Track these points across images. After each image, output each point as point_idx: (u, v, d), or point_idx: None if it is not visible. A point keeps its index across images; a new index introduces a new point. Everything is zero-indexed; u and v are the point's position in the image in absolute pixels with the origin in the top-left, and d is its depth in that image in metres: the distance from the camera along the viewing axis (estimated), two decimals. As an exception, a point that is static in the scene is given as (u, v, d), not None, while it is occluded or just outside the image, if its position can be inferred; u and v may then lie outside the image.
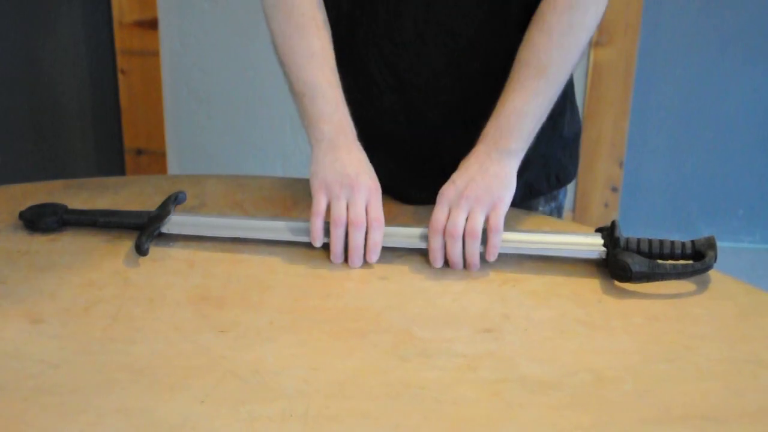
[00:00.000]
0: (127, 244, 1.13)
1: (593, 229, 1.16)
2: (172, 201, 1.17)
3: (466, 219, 1.07)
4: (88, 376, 0.87)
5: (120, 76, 2.48)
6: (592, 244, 1.10)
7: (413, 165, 1.25)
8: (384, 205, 1.11)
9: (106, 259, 1.10)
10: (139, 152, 2.52)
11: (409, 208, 1.24)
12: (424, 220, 1.19)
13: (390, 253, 1.12)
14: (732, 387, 0.88)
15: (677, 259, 1.08)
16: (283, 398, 0.84)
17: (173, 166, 2.53)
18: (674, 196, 2.66)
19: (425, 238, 1.10)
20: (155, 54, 2.46)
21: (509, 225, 1.19)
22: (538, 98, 1.10)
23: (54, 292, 1.02)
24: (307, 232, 1.10)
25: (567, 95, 1.28)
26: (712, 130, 2.64)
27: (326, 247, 1.10)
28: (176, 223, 1.15)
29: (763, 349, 0.95)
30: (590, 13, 1.11)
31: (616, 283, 1.06)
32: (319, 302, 1.02)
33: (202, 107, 2.49)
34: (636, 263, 1.04)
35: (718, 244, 1.09)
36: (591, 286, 1.06)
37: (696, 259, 1.07)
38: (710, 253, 1.06)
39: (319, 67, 1.13)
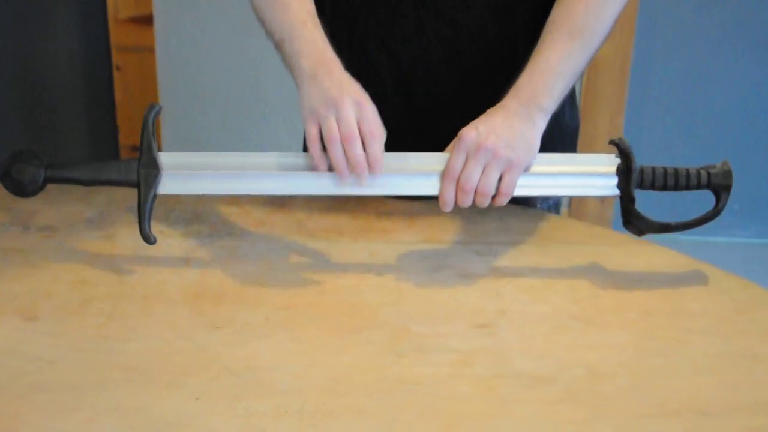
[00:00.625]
0: (122, 242, 1.13)
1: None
2: (152, 132, 1.06)
3: (482, 172, 1.03)
4: (83, 374, 0.87)
5: (115, 73, 2.47)
6: (608, 191, 1.07)
7: None
8: (381, 201, 1.10)
9: (101, 257, 1.10)
10: (134, 149, 2.52)
11: (404, 204, 1.24)
12: (420, 219, 1.19)
13: (386, 248, 1.12)
14: (727, 381, 0.88)
15: (693, 190, 1.07)
16: (279, 394, 0.84)
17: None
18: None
19: (433, 183, 1.06)
20: (150, 50, 2.46)
21: (506, 222, 1.19)
22: (570, 59, 1.08)
23: (49, 289, 1.02)
24: (308, 164, 1.06)
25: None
26: (707, 125, 2.65)
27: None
28: (171, 182, 1.06)
29: (758, 344, 0.95)
30: None
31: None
32: (315, 298, 1.02)
33: (198, 103, 2.49)
34: (646, 225, 1.05)
35: (713, 239, 1.10)
36: (586, 281, 1.06)
37: (712, 190, 1.07)
38: (723, 196, 1.05)
39: (295, 12, 1.11)
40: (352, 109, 1.02)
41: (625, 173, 1.06)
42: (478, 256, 1.11)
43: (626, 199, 1.06)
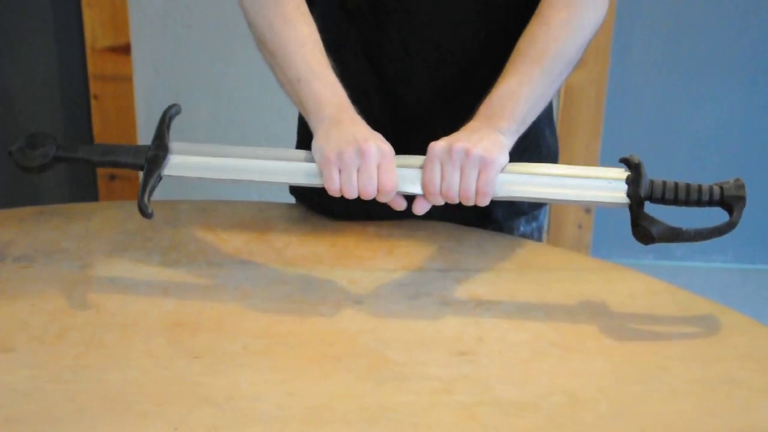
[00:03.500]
0: (100, 271, 1.12)
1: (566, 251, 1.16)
2: (167, 126, 1.10)
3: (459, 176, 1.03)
4: (61, 405, 0.86)
5: (93, 102, 2.46)
6: (615, 197, 1.05)
7: None
8: (360, 228, 1.10)
9: (79, 286, 1.09)
10: (112, 177, 2.51)
11: (383, 231, 1.23)
12: (399, 246, 1.19)
13: (365, 276, 1.11)
14: (706, 407, 0.89)
15: (704, 206, 1.03)
16: (258, 424, 0.84)
17: (147, 192, 2.51)
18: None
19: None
20: (128, 79, 2.45)
21: (484, 249, 1.19)
22: (531, 84, 1.08)
23: (25, 320, 1.01)
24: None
25: (547, 113, 1.29)
26: (682, 151, 2.67)
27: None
28: (178, 164, 1.08)
29: (736, 369, 0.95)
30: (589, 12, 1.12)
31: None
32: (293, 327, 1.01)
33: (175, 132, 2.48)
34: (657, 229, 1.01)
35: (691, 264, 1.09)
36: (565, 308, 1.07)
37: (724, 207, 1.02)
38: (737, 209, 1.01)
39: (311, 52, 1.11)
40: (376, 157, 1.03)
41: (634, 180, 1.04)
42: (457, 284, 1.11)
43: (636, 204, 1.03)
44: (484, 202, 1.03)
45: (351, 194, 1.03)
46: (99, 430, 0.82)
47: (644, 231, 1.01)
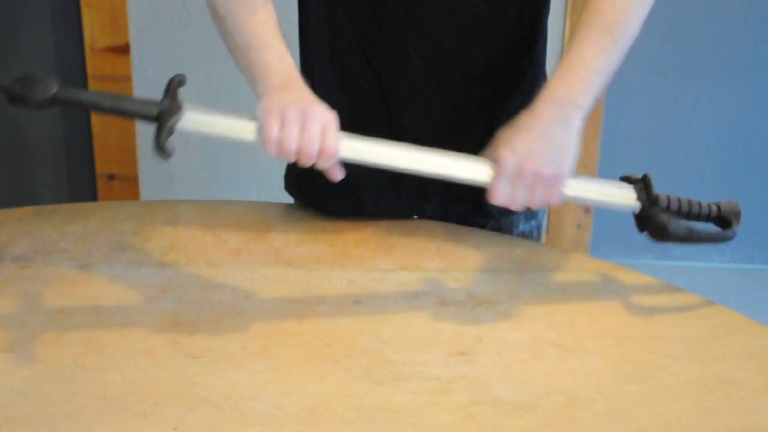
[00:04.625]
0: (98, 271, 1.12)
1: (567, 248, 1.16)
2: (176, 88, 1.06)
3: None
4: (58, 405, 0.86)
5: (92, 102, 2.47)
6: (627, 198, 1.06)
7: (394, 174, 1.24)
8: (359, 228, 1.10)
9: (77, 286, 1.09)
10: (111, 177, 2.51)
11: (381, 231, 1.24)
12: (397, 246, 1.19)
13: (364, 276, 1.11)
14: (704, 407, 0.89)
15: (702, 221, 1.07)
16: (257, 424, 0.84)
17: (146, 192, 2.51)
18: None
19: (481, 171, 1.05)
20: (127, 79, 2.46)
21: (483, 249, 1.19)
22: (604, 56, 1.06)
23: (24, 320, 1.01)
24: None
25: None
26: (681, 152, 2.67)
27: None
28: (192, 119, 1.05)
29: (734, 369, 0.95)
30: None
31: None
32: (292, 327, 1.01)
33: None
34: (674, 225, 1.03)
35: (689, 264, 1.11)
36: (563, 307, 1.07)
37: (720, 223, 1.07)
38: (735, 222, 1.06)
39: (263, 20, 1.10)
40: (320, 119, 1.01)
41: (644, 187, 1.06)
42: (455, 283, 1.11)
43: (648, 204, 1.05)
44: (555, 205, 1.05)
45: (289, 149, 1.00)
46: (97, 430, 0.82)
47: (661, 225, 1.04)
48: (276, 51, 1.08)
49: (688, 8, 2.54)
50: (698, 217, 1.07)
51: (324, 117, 1.02)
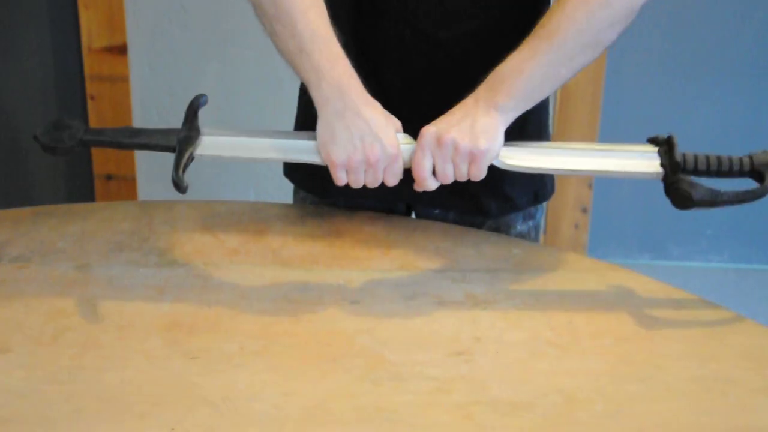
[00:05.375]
0: (96, 271, 1.12)
1: (565, 247, 1.16)
2: (196, 111, 1.12)
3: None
4: (57, 406, 0.86)
5: (89, 102, 2.46)
6: (649, 166, 1.05)
7: None
8: (357, 228, 1.10)
9: (75, 287, 1.09)
10: (108, 178, 2.51)
11: (380, 231, 1.23)
12: (395, 246, 1.19)
13: (362, 276, 1.11)
14: (702, 406, 0.89)
15: (735, 176, 1.05)
16: (255, 425, 0.84)
17: (143, 192, 2.51)
18: (643, 216, 2.68)
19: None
20: (125, 80, 2.45)
21: (481, 249, 1.19)
22: (538, 59, 1.06)
23: (21, 320, 1.01)
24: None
25: (547, 109, 1.29)
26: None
27: None
28: (210, 144, 1.11)
29: (731, 368, 0.95)
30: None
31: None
32: (290, 327, 1.01)
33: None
34: (698, 192, 1.01)
35: (687, 264, 1.10)
36: (561, 307, 1.07)
37: (754, 176, 1.04)
38: None
39: (314, 20, 1.08)
40: (383, 163, 1.07)
41: (668, 150, 1.05)
42: (453, 284, 1.11)
43: (672, 170, 1.03)
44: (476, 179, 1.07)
45: (357, 187, 1.08)
46: (96, 430, 0.82)
47: (684, 193, 1.01)
48: (327, 54, 1.08)
49: (688, 3, 2.54)
50: (730, 173, 1.04)
51: (387, 159, 1.07)
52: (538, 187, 1.30)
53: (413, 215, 1.36)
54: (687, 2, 2.54)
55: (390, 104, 1.21)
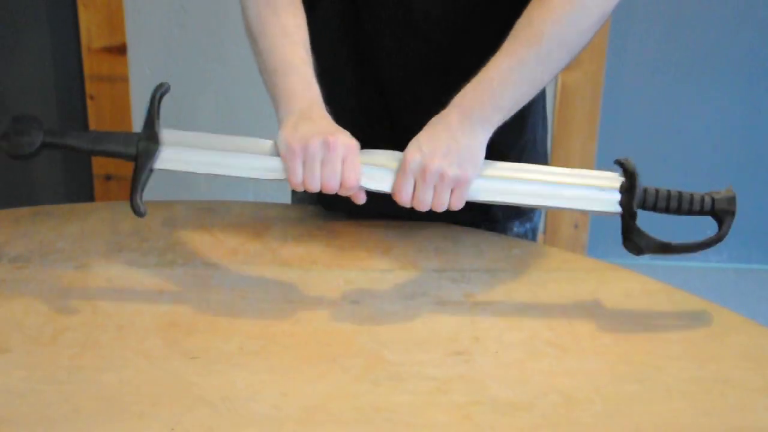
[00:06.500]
0: (95, 271, 1.12)
1: (563, 250, 1.16)
2: (157, 109, 1.08)
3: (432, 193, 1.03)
4: (56, 406, 0.86)
5: (89, 102, 2.46)
6: (608, 204, 1.05)
7: None
8: (356, 228, 1.10)
9: (74, 287, 1.09)
10: (108, 178, 2.50)
11: (379, 231, 1.23)
12: (395, 246, 1.19)
13: (361, 276, 1.11)
14: (701, 407, 0.89)
15: (695, 215, 1.05)
16: (254, 424, 0.84)
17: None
18: (642, 215, 2.68)
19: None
20: (124, 79, 2.45)
21: (480, 249, 1.19)
22: (524, 68, 1.04)
23: (20, 320, 1.01)
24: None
25: (540, 111, 1.29)
26: (678, 151, 2.68)
27: None
28: (170, 158, 1.07)
29: (731, 369, 0.95)
30: None
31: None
32: (289, 327, 1.01)
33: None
34: (648, 245, 1.02)
35: (687, 264, 1.10)
36: (561, 307, 1.07)
37: (714, 217, 1.04)
38: (727, 221, 1.03)
39: (292, 45, 1.10)
40: (341, 151, 1.02)
41: (628, 190, 1.04)
42: (453, 284, 1.11)
43: (628, 216, 1.04)
44: (454, 209, 1.04)
45: (313, 187, 1.02)
46: (94, 431, 0.82)
47: (634, 244, 1.04)
48: (302, 78, 1.08)
49: (686, 4, 2.54)
50: (690, 212, 1.05)
51: (345, 148, 1.02)
52: None
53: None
54: (686, 2, 2.54)
55: (391, 106, 1.21)
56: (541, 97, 1.24)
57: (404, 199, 1.03)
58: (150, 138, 1.07)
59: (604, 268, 1.16)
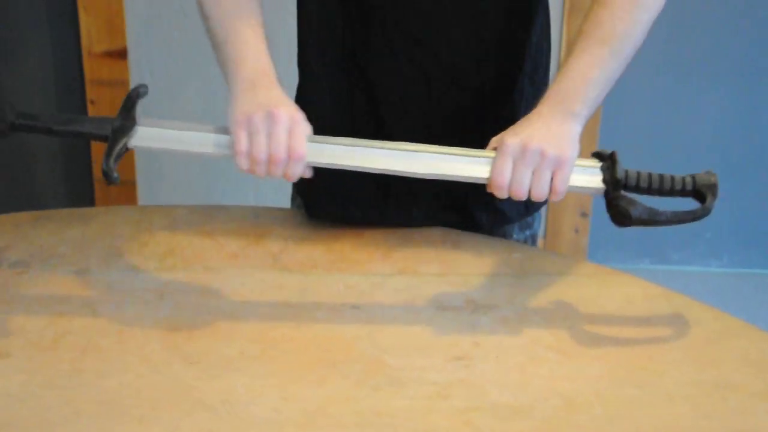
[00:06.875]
0: (96, 276, 1.12)
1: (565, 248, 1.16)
2: (134, 101, 1.08)
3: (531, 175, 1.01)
4: (56, 410, 0.86)
5: (89, 106, 2.47)
6: (591, 182, 1.05)
7: (380, 181, 1.22)
8: (357, 232, 1.10)
9: (75, 292, 1.09)
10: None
11: (379, 235, 1.23)
12: (395, 250, 1.19)
13: (361, 280, 1.11)
14: (701, 411, 0.89)
15: (677, 195, 1.05)
16: (254, 429, 0.84)
17: (143, 196, 2.51)
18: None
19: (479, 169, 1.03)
20: (125, 84, 2.45)
21: (481, 253, 1.19)
22: (601, 66, 1.07)
23: (21, 325, 1.01)
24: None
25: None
26: (678, 154, 2.68)
27: None
28: (144, 136, 1.07)
29: (731, 373, 0.95)
30: None
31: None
32: (289, 332, 1.01)
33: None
34: (636, 210, 1.01)
35: (687, 268, 1.10)
36: (561, 311, 1.07)
37: (695, 196, 1.04)
38: (710, 196, 1.03)
39: (245, 17, 1.10)
40: (286, 124, 1.01)
41: (610, 166, 1.04)
42: (453, 288, 1.11)
43: (612, 186, 1.03)
44: (556, 200, 1.03)
45: (260, 158, 1.01)
46: (95, 435, 0.82)
47: (623, 210, 1.01)
48: (253, 48, 1.08)
49: (687, 5, 2.54)
50: (671, 192, 1.04)
51: (291, 118, 1.02)
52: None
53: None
54: (686, 2, 2.54)
55: (382, 118, 1.21)
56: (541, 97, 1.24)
57: (502, 182, 1.01)
58: (126, 119, 1.07)
59: (605, 273, 1.16)
